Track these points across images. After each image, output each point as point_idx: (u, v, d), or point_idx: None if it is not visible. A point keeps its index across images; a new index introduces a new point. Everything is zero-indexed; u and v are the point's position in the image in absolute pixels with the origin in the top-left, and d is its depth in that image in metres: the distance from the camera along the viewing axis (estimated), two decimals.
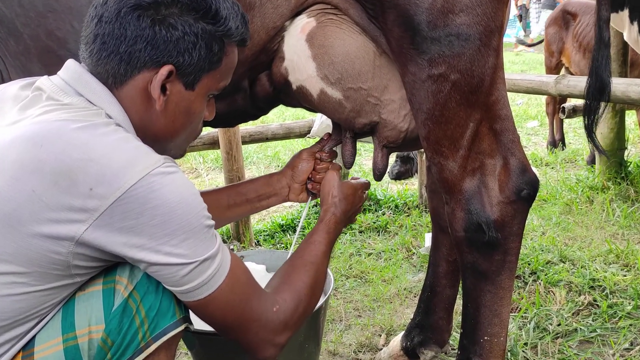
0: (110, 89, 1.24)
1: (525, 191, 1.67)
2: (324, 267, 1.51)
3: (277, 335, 1.32)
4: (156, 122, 1.29)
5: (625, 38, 3.91)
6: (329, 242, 1.57)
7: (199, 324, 1.40)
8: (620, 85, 3.26)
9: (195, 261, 1.16)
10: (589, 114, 2.64)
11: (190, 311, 1.28)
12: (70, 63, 1.28)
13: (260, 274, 2.08)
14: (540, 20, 14.97)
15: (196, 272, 1.17)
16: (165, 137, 1.33)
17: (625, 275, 2.87)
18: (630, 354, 2.25)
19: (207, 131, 3.72)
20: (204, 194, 1.42)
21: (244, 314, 1.26)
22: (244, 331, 1.28)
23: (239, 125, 3.59)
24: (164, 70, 1.23)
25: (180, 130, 1.33)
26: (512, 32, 14.75)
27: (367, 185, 1.80)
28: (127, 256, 1.14)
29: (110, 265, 1.21)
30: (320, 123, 3.84)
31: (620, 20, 3.81)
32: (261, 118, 2.03)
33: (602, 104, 2.73)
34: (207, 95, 1.35)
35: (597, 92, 2.65)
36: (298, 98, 1.78)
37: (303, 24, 1.66)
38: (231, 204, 1.82)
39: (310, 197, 1.86)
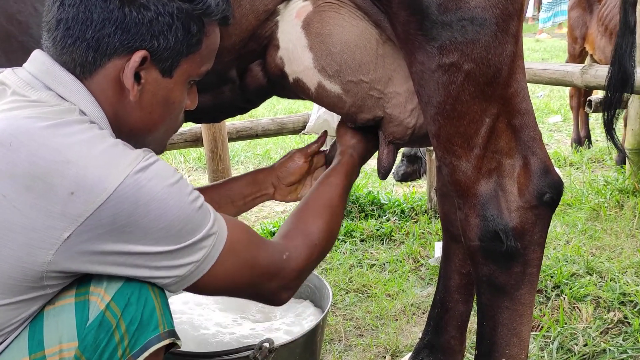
0: (79, 80, 1.25)
1: (547, 195, 1.67)
2: (341, 211, 1.61)
3: (290, 281, 1.42)
4: (131, 115, 1.29)
5: None
6: (346, 185, 1.66)
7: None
8: None
9: (192, 242, 1.21)
10: (610, 108, 2.65)
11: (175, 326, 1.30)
12: (37, 54, 1.28)
13: None
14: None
15: (194, 251, 1.22)
16: (142, 131, 1.34)
17: None
18: None
19: (189, 127, 3.72)
20: None
21: (253, 272, 1.34)
22: (256, 287, 1.38)
23: (225, 121, 3.59)
24: (137, 56, 1.23)
25: (159, 122, 1.34)
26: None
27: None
28: (117, 255, 1.15)
29: (83, 276, 1.21)
30: (317, 117, 3.84)
31: None
32: (250, 112, 2.03)
33: (625, 97, 2.74)
34: (188, 81, 1.35)
35: (620, 83, 2.66)
36: (296, 91, 1.78)
37: (298, 8, 1.66)
38: (214, 207, 1.83)
39: None
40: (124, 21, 1.21)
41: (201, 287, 1.29)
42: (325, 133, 1.89)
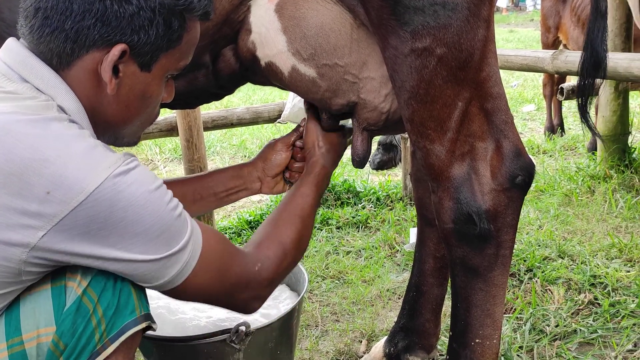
0: (56, 71, 1.23)
1: (520, 177, 1.70)
2: (311, 222, 1.62)
3: (262, 290, 1.44)
4: (107, 108, 1.28)
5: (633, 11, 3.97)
6: (317, 196, 1.68)
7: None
8: (622, 60, 3.32)
9: (168, 254, 1.20)
10: (583, 93, 2.68)
11: (150, 309, 1.31)
12: (11, 44, 1.26)
13: None
14: None
15: (170, 263, 1.22)
16: (118, 124, 1.33)
17: (628, 271, 2.94)
18: (634, 356, 2.30)
19: (164, 116, 3.70)
20: (167, 186, 1.43)
21: (226, 282, 1.35)
22: (229, 297, 1.39)
23: (201, 109, 3.58)
24: (116, 50, 1.22)
25: (135, 115, 1.34)
26: None
27: (350, 130, 1.87)
28: (93, 259, 1.15)
29: None
30: (292, 106, 3.84)
31: None
32: (225, 102, 2.03)
33: (598, 82, 2.77)
34: (165, 76, 1.35)
35: (592, 67, 2.69)
36: (267, 76, 1.78)
37: None
38: (197, 199, 1.84)
39: (289, 187, 1.88)
40: (105, 14, 1.20)
41: (174, 294, 1.31)
42: (304, 121, 1.89)
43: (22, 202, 1.08)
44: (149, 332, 1.34)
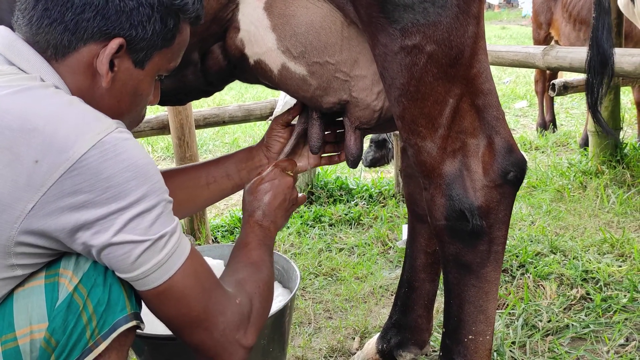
0: (49, 61, 1.24)
1: (512, 173, 1.70)
2: (266, 264, 1.52)
3: (245, 334, 1.33)
4: (99, 102, 1.29)
5: (620, 6, 3.99)
6: (259, 242, 1.56)
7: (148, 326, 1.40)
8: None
9: (150, 239, 1.17)
10: (592, 91, 2.66)
11: (141, 308, 1.29)
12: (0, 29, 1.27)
13: (217, 269, 2.08)
14: None
15: (152, 250, 1.18)
16: None
17: (620, 266, 2.96)
18: (626, 351, 2.32)
19: (155, 114, 3.70)
20: (179, 172, 1.45)
21: (208, 306, 1.27)
22: (209, 328, 1.29)
23: (192, 107, 3.58)
24: (114, 43, 1.23)
25: (125, 112, 1.35)
26: None
27: (288, 165, 1.78)
28: (76, 238, 1.14)
29: (53, 259, 1.21)
30: (285, 103, 3.84)
31: None
32: (217, 99, 2.03)
33: (607, 79, 2.76)
34: (156, 75, 1.37)
35: (599, 65, 2.68)
36: (256, 74, 1.78)
37: None
38: (210, 181, 1.85)
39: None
40: (105, 7, 1.21)
41: (152, 298, 1.24)
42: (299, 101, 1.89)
43: (12, 175, 1.08)
44: (140, 331, 1.33)
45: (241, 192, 1.85)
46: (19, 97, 1.12)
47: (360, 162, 5.00)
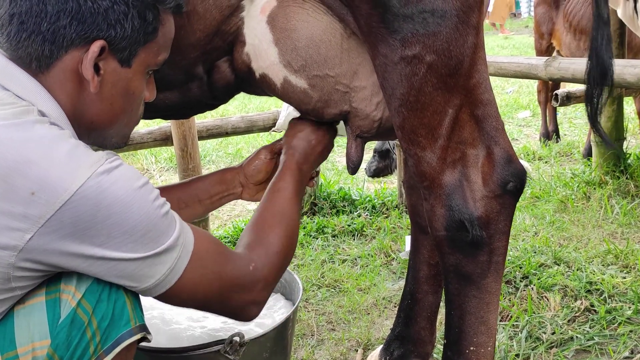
0: (36, 75, 1.24)
1: (511, 184, 1.70)
2: (296, 215, 1.59)
3: (259, 293, 1.40)
4: (91, 107, 1.29)
5: (620, 15, 3.99)
6: (295, 187, 1.64)
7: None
8: (615, 67, 3.32)
9: (156, 252, 1.19)
10: (592, 102, 2.66)
11: (145, 320, 1.30)
12: None
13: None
14: None
15: (160, 261, 1.21)
16: (103, 124, 1.34)
17: (624, 278, 2.94)
18: None
19: (158, 125, 3.71)
20: None
21: (222, 284, 1.33)
22: (226, 300, 1.36)
23: (195, 118, 3.58)
24: (95, 46, 1.23)
25: (120, 114, 1.34)
26: None
27: (333, 127, 1.86)
28: (81, 259, 1.15)
29: (52, 275, 1.21)
30: (287, 115, 3.85)
31: None
32: (220, 111, 2.04)
33: (606, 90, 2.76)
34: (146, 71, 1.36)
35: (599, 76, 2.68)
36: (262, 87, 1.79)
37: (263, 3, 1.66)
38: (181, 207, 1.83)
39: None
40: (79, 11, 1.20)
41: (167, 298, 1.29)
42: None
43: (8, 205, 1.08)
44: (143, 344, 1.33)
45: (243, 203, 1.85)
46: (15, 131, 1.12)
47: (364, 173, 5.02)
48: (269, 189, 1.63)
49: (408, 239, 3.46)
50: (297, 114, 1.93)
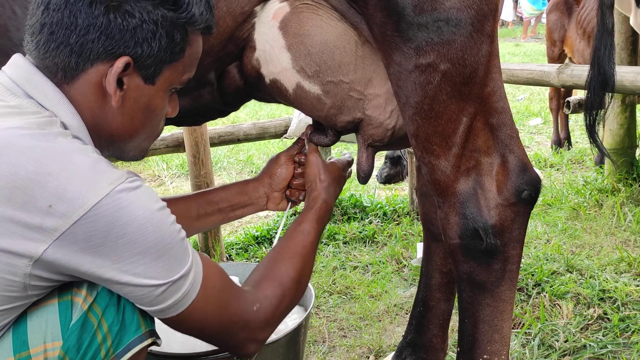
0: (60, 85, 1.25)
1: (526, 192, 1.69)
2: (312, 259, 1.59)
3: (259, 333, 1.40)
4: (112, 121, 1.29)
5: (631, 23, 3.98)
6: (318, 232, 1.65)
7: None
8: (628, 74, 3.31)
9: (169, 281, 1.20)
10: (591, 110, 2.66)
11: (155, 323, 1.31)
12: (17, 59, 1.27)
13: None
14: None
15: (171, 291, 1.21)
16: (123, 137, 1.34)
17: (638, 285, 2.92)
18: None
19: (170, 132, 3.72)
20: (170, 202, 1.45)
21: (223, 320, 1.33)
22: (225, 335, 1.37)
23: (207, 125, 3.60)
24: (120, 62, 1.23)
25: (140, 129, 1.35)
26: None
27: (350, 162, 1.89)
28: (94, 276, 1.16)
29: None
30: (299, 121, 3.86)
31: (626, 3, 3.88)
32: (232, 117, 2.05)
33: (607, 99, 2.76)
34: (169, 89, 1.36)
35: (600, 85, 2.67)
36: (272, 93, 1.79)
37: (275, 9, 1.66)
38: (201, 214, 1.83)
39: (290, 205, 1.87)
40: (109, 27, 1.21)
41: (173, 323, 1.29)
42: (304, 134, 1.89)
43: (25, 216, 1.08)
44: (155, 349, 1.34)
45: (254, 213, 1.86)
46: (37, 141, 1.12)
47: (375, 179, 5.02)
48: (293, 226, 1.63)
49: (420, 246, 3.46)
50: (309, 121, 1.93)
